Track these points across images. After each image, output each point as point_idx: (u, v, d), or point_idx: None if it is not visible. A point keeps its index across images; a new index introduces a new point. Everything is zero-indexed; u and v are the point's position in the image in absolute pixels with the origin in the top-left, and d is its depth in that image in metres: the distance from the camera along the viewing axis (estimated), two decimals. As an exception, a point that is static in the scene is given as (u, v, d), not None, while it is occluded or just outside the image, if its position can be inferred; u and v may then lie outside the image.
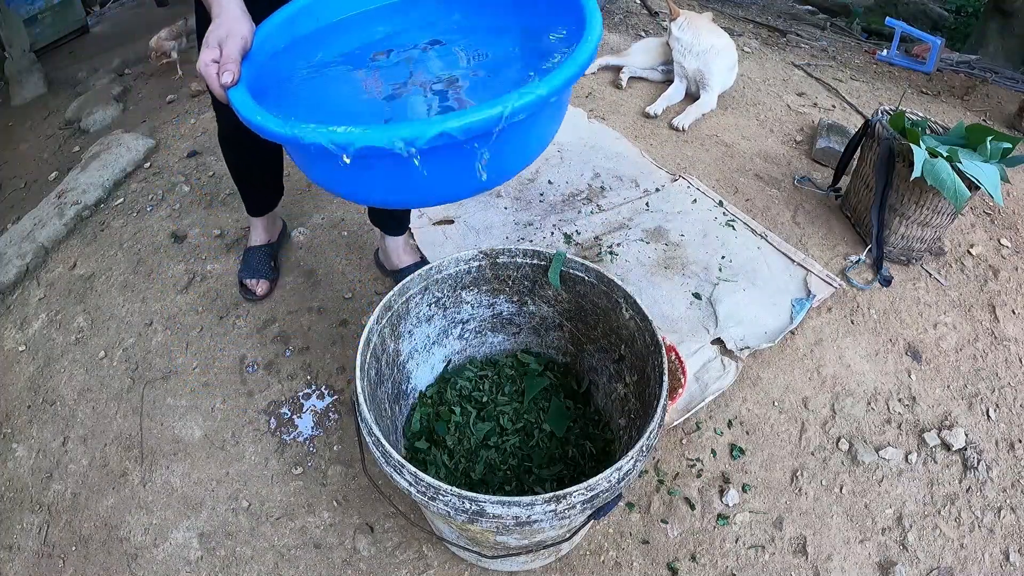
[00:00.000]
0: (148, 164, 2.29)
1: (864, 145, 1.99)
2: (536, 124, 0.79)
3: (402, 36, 0.99)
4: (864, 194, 1.97)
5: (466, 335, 1.40)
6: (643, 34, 3.50)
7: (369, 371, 1.08)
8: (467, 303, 1.34)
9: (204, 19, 1.31)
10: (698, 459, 1.44)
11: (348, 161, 0.70)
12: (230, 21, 0.86)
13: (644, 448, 0.95)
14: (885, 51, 3.56)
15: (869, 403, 1.57)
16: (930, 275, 1.92)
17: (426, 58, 0.94)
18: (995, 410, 1.58)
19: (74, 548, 1.31)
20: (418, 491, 0.91)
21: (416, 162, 0.70)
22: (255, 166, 1.61)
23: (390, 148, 0.67)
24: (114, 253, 1.93)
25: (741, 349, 1.62)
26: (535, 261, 1.27)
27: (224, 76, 0.81)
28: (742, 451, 1.46)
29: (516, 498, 0.87)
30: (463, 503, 0.88)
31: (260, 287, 1.73)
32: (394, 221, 1.69)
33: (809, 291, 1.79)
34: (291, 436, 1.47)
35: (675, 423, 1.48)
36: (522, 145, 0.81)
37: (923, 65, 3.39)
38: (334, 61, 0.96)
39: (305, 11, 0.98)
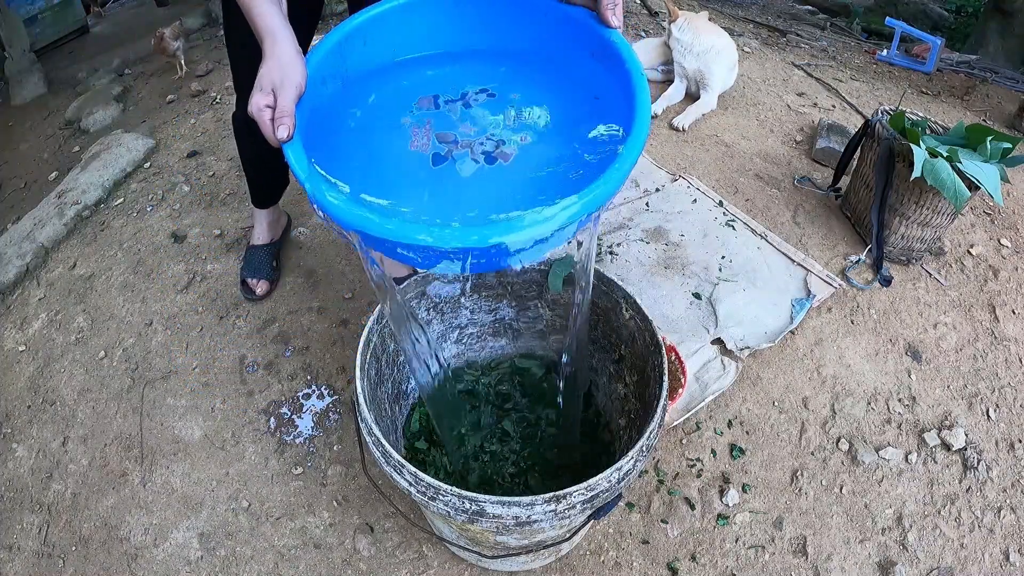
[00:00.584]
0: (148, 164, 2.29)
1: (864, 145, 1.99)
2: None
3: (450, 81, 0.99)
4: (864, 194, 1.97)
5: (464, 339, 1.40)
6: (643, 34, 3.49)
7: (369, 371, 1.08)
8: (465, 308, 1.34)
9: (234, 29, 1.31)
10: (698, 459, 1.44)
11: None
12: (284, 64, 0.82)
13: (644, 448, 0.95)
14: (885, 51, 3.56)
15: (869, 403, 1.57)
16: (930, 275, 1.92)
17: (473, 112, 0.94)
18: (995, 410, 1.58)
19: (74, 548, 1.31)
20: (418, 491, 0.91)
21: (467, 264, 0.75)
22: (267, 152, 1.60)
23: (449, 250, 0.71)
24: (114, 253, 1.93)
25: (741, 349, 1.62)
26: (534, 263, 1.26)
27: (280, 131, 0.79)
28: (742, 451, 1.46)
29: (516, 498, 0.87)
30: (463, 503, 0.88)
31: (260, 287, 1.73)
32: None
33: (809, 291, 1.79)
34: (291, 436, 1.47)
35: (675, 423, 1.48)
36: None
37: (923, 65, 3.39)
38: (381, 105, 0.95)
39: (356, 35, 0.95)
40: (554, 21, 0.94)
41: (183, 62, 2.90)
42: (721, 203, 2.11)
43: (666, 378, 1.02)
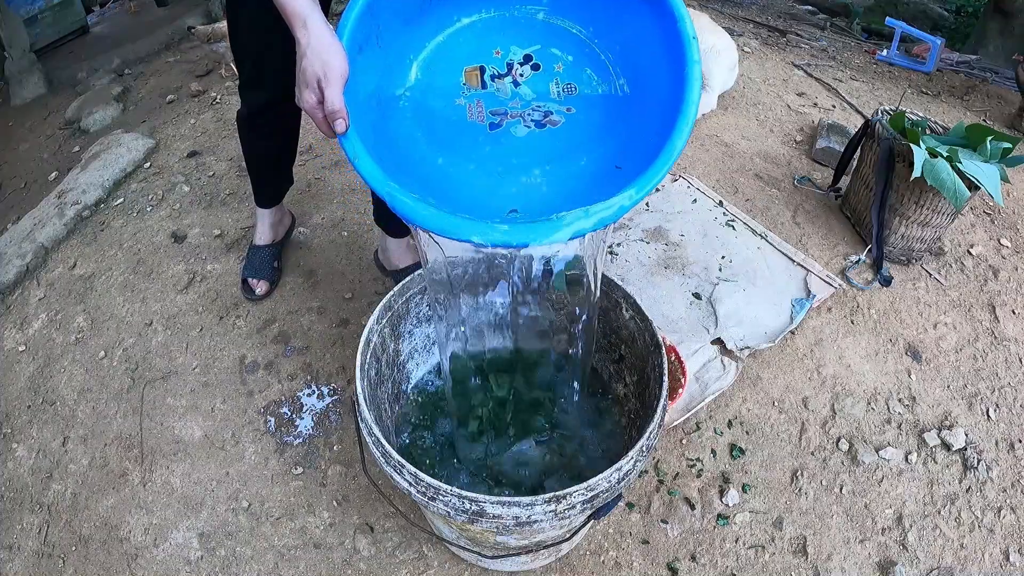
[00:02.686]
0: (148, 164, 2.29)
1: (864, 145, 1.99)
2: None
3: (491, 46, 1.00)
4: (864, 194, 1.97)
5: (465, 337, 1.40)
6: (643, 34, 3.49)
7: (369, 371, 1.08)
8: (466, 304, 1.34)
9: (240, 27, 1.31)
10: (698, 459, 1.44)
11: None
12: (323, 52, 0.79)
13: (644, 448, 0.95)
14: (885, 51, 3.56)
15: (869, 403, 1.57)
16: (930, 275, 1.92)
17: (521, 91, 0.97)
18: (995, 410, 1.58)
19: (74, 548, 1.31)
20: (418, 491, 0.91)
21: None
22: (272, 150, 1.62)
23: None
24: (114, 253, 1.93)
25: (741, 349, 1.62)
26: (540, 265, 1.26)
27: (337, 125, 0.79)
28: (742, 451, 1.46)
29: (516, 498, 0.87)
30: (463, 503, 0.88)
31: (260, 287, 1.73)
32: (399, 223, 1.69)
33: (809, 291, 1.79)
34: (291, 436, 1.47)
35: (675, 423, 1.48)
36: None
37: (923, 65, 3.39)
38: (428, 84, 0.97)
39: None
40: None
41: (230, 62, 2.80)
42: (721, 203, 2.11)
43: (666, 378, 1.02)
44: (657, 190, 2.15)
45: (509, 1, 1.01)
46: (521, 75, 0.98)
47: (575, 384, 1.25)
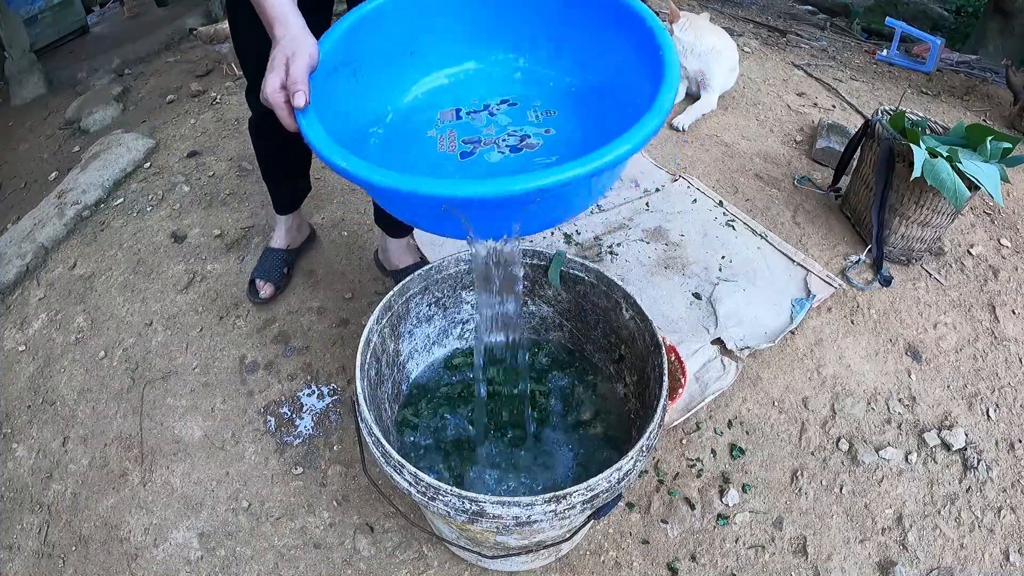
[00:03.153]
0: (148, 164, 2.29)
1: (864, 145, 1.99)
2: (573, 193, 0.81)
3: (470, 93, 1.00)
4: (864, 194, 1.97)
5: (466, 335, 1.40)
6: (643, 34, 3.49)
7: (369, 371, 1.08)
8: (467, 303, 1.34)
9: (240, 26, 1.30)
10: (698, 459, 1.44)
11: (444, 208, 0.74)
12: (295, 37, 0.81)
13: (644, 448, 0.95)
14: (885, 51, 3.56)
15: (869, 403, 1.57)
16: (930, 275, 1.92)
17: (497, 119, 0.96)
18: (995, 410, 1.58)
19: (74, 548, 1.31)
20: (418, 491, 0.91)
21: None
22: (283, 154, 1.60)
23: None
24: (114, 253, 1.93)
25: (741, 349, 1.62)
26: (535, 261, 1.27)
27: (296, 98, 0.78)
28: (742, 451, 1.46)
29: (516, 498, 0.87)
30: (463, 503, 0.88)
31: (266, 290, 1.72)
32: (399, 223, 1.69)
33: (809, 291, 1.79)
34: (291, 436, 1.47)
35: (675, 423, 1.48)
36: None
37: (923, 65, 3.39)
38: (402, 121, 0.96)
39: (364, 23, 0.94)
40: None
41: (232, 63, 2.81)
42: (721, 203, 2.11)
43: (666, 378, 1.02)
44: (658, 190, 2.16)
45: (489, 55, 1.02)
46: (497, 109, 0.97)
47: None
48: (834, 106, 2.84)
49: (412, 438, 1.26)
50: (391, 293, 1.16)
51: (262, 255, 1.78)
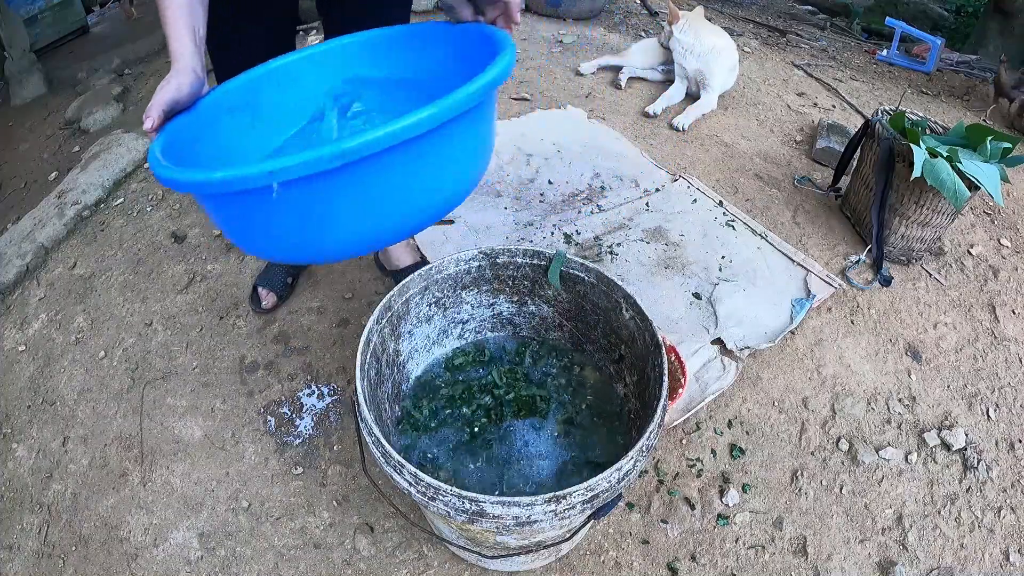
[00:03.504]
0: (148, 164, 2.29)
1: (864, 145, 1.99)
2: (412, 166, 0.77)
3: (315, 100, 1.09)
4: (864, 194, 1.97)
5: (466, 335, 1.40)
6: (643, 34, 3.50)
7: (369, 371, 1.08)
8: (467, 303, 1.34)
9: (213, 26, 1.33)
10: (698, 459, 1.44)
11: (275, 187, 0.68)
12: (176, 72, 0.88)
13: (644, 448, 0.95)
14: (885, 51, 3.56)
15: (869, 403, 1.57)
16: (930, 275, 1.92)
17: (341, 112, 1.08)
18: (995, 410, 1.58)
19: (74, 548, 1.31)
20: (418, 491, 0.91)
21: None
22: None
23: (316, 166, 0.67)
24: (114, 253, 1.93)
25: (741, 349, 1.62)
26: (535, 261, 1.27)
27: (145, 122, 0.83)
28: (742, 451, 1.46)
29: (516, 498, 0.87)
30: (463, 503, 0.88)
31: (268, 300, 1.71)
32: None
33: (809, 291, 1.79)
34: (291, 436, 1.47)
35: (675, 423, 1.48)
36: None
37: (923, 65, 3.39)
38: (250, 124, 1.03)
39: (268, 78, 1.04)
40: (451, 44, 1.01)
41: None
42: (721, 203, 2.11)
43: (666, 378, 1.02)
44: (658, 190, 2.16)
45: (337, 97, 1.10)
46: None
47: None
48: (834, 106, 2.84)
49: (412, 438, 1.25)
50: (391, 293, 1.16)
51: (268, 263, 1.78)
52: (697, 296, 1.78)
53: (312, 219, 0.75)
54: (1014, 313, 1.83)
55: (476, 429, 1.26)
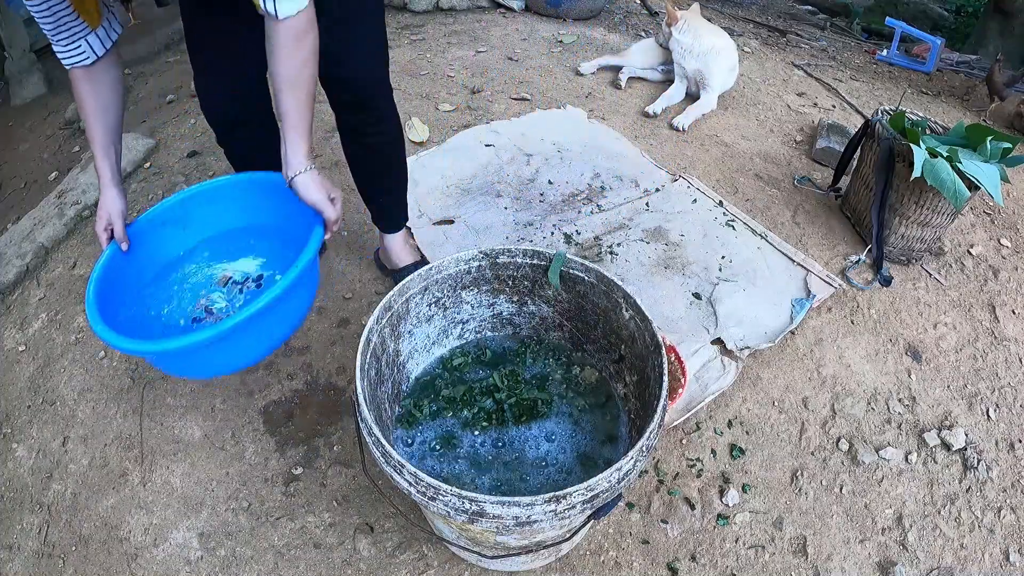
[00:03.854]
0: (148, 164, 2.29)
1: (864, 145, 1.99)
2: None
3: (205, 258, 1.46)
4: (864, 194, 1.97)
5: (466, 335, 1.40)
6: (643, 34, 3.50)
7: (369, 371, 1.08)
8: (467, 303, 1.34)
9: (191, 30, 1.36)
10: (698, 459, 1.44)
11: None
12: (108, 203, 1.28)
13: (644, 448, 0.95)
14: (885, 51, 3.56)
15: (869, 403, 1.57)
16: (930, 275, 1.92)
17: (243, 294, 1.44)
18: (995, 410, 1.58)
19: (74, 548, 1.31)
20: (418, 491, 0.91)
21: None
22: (268, 161, 1.59)
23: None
24: (114, 253, 1.93)
25: (741, 349, 1.62)
26: (535, 261, 1.27)
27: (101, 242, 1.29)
28: (742, 451, 1.46)
29: (516, 498, 0.87)
30: (463, 503, 0.88)
31: None
32: (385, 218, 1.68)
33: (809, 291, 1.79)
34: (291, 436, 1.46)
35: (675, 423, 1.48)
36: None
37: (923, 65, 3.40)
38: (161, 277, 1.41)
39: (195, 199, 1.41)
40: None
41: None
42: (721, 203, 2.11)
43: (666, 378, 1.02)
44: (658, 190, 2.15)
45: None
46: (248, 287, 1.45)
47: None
48: (834, 106, 2.84)
49: (412, 438, 1.25)
50: (391, 293, 1.16)
51: None
52: (697, 296, 1.78)
53: (197, 362, 1.21)
54: (1014, 313, 1.83)
55: (477, 433, 1.25)
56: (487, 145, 2.33)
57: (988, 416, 1.56)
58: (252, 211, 1.42)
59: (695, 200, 2.12)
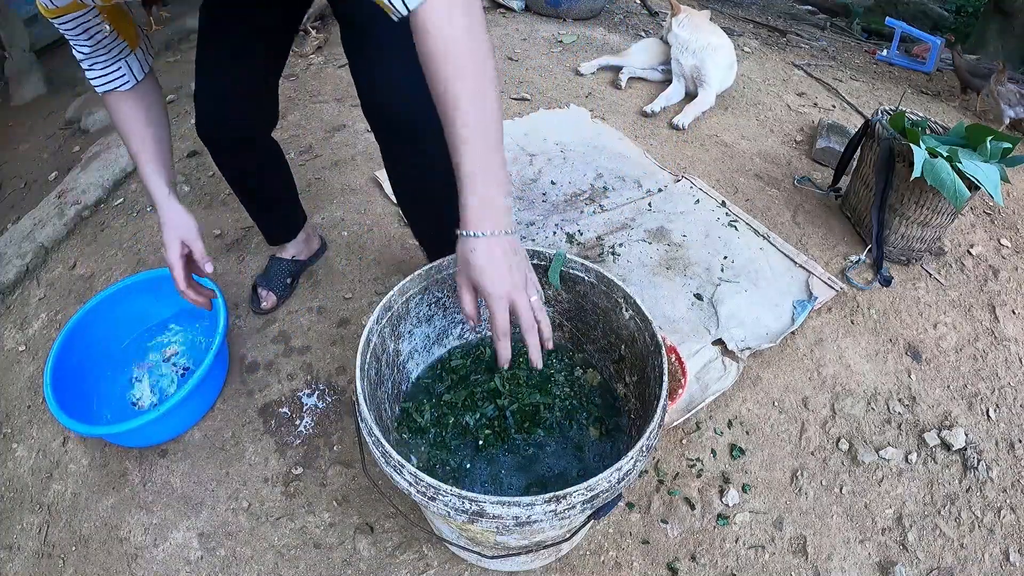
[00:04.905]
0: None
1: (864, 145, 1.99)
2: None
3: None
4: (864, 194, 1.97)
5: (466, 335, 1.40)
6: (643, 34, 3.50)
7: (369, 371, 1.08)
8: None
9: (203, 33, 1.34)
10: (698, 459, 1.44)
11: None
12: (179, 225, 1.19)
13: (644, 448, 0.95)
14: (885, 51, 3.56)
15: (869, 403, 1.57)
16: (930, 275, 1.92)
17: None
18: (995, 410, 1.58)
19: (74, 548, 1.31)
20: (418, 491, 0.91)
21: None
22: (261, 181, 1.56)
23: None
24: (114, 253, 1.93)
25: (742, 350, 1.62)
26: (535, 261, 1.26)
27: (207, 266, 1.19)
28: (742, 451, 1.46)
29: (516, 498, 0.87)
30: (463, 503, 0.88)
31: (268, 300, 1.70)
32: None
33: (811, 293, 1.79)
34: (291, 436, 1.46)
35: (675, 423, 1.48)
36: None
37: (923, 65, 3.40)
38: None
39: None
40: None
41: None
42: (724, 203, 2.11)
43: (666, 378, 1.02)
44: (660, 190, 2.15)
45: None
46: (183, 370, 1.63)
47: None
48: (834, 106, 2.84)
49: (412, 438, 1.25)
50: (391, 293, 1.16)
51: (268, 263, 1.76)
52: (699, 297, 1.78)
53: (141, 436, 1.43)
54: (1014, 313, 1.83)
55: (480, 441, 1.25)
56: (487, 145, 2.33)
57: (988, 416, 1.56)
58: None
59: (698, 201, 2.12)
